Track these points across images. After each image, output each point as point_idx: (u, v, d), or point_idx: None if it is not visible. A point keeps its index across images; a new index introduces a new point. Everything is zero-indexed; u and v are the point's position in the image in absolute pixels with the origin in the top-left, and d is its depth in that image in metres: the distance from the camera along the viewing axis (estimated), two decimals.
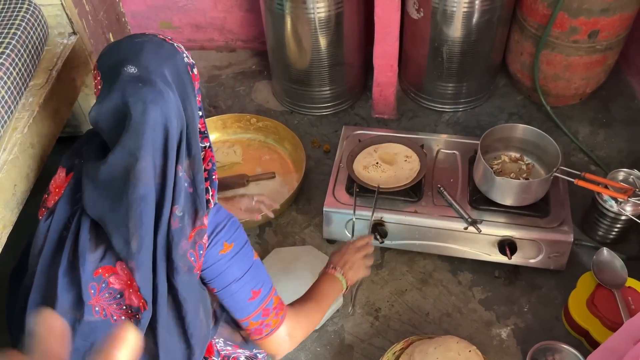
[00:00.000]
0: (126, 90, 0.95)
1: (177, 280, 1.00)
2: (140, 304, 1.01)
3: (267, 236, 1.78)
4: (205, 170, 1.06)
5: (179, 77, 1.01)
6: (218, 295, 1.08)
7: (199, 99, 1.07)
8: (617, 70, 2.08)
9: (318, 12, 1.84)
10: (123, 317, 1.03)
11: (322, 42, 1.93)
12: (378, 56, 1.94)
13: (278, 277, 1.62)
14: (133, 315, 1.02)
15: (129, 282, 1.00)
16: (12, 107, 1.33)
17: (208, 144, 1.09)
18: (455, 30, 1.86)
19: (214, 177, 1.07)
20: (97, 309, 1.02)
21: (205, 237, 1.02)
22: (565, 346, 1.40)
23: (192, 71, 1.05)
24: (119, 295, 1.02)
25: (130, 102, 0.94)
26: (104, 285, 1.01)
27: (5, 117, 1.29)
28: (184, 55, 1.05)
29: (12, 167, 1.27)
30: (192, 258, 1.00)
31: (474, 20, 1.82)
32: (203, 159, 1.08)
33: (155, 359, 1.06)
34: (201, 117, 1.08)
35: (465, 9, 1.80)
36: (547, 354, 1.41)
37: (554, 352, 1.41)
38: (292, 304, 1.22)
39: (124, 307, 1.03)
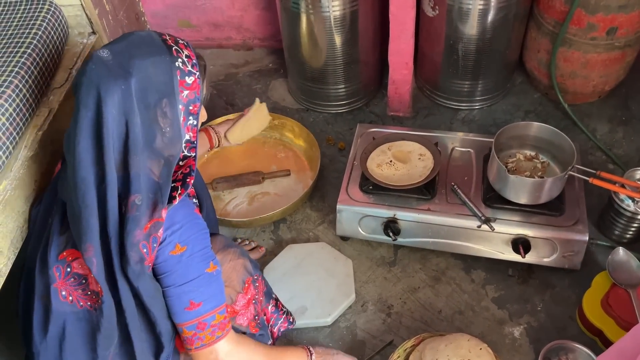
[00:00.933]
0: (84, 70, 0.99)
1: (129, 270, 1.01)
2: (99, 289, 1.03)
3: (281, 232, 1.80)
4: (181, 173, 1.08)
5: (155, 75, 1.01)
6: (163, 292, 1.08)
7: (194, 108, 1.07)
8: (637, 68, 2.04)
9: (333, 11, 1.85)
10: (89, 303, 1.06)
11: (338, 40, 1.93)
12: (393, 54, 1.94)
13: (291, 273, 1.64)
14: (96, 301, 1.05)
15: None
16: (34, 105, 1.37)
17: (193, 154, 1.10)
18: (471, 28, 1.85)
19: (187, 180, 1.08)
20: (63, 293, 1.05)
21: (161, 230, 1.02)
22: (578, 346, 1.39)
23: (183, 77, 1.05)
24: (83, 281, 1.05)
25: (82, 82, 0.98)
26: (68, 269, 1.04)
27: (27, 114, 1.33)
28: (179, 60, 1.05)
29: (32, 163, 1.31)
30: (145, 250, 1.01)
31: (490, 17, 1.81)
32: (183, 165, 1.09)
33: (132, 353, 1.09)
34: (194, 126, 1.08)
35: (481, 6, 1.79)
36: (560, 353, 1.40)
37: (567, 351, 1.40)
38: (242, 337, 1.20)
39: (89, 293, 1.05)
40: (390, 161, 1.66)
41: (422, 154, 1.67)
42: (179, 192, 1.06)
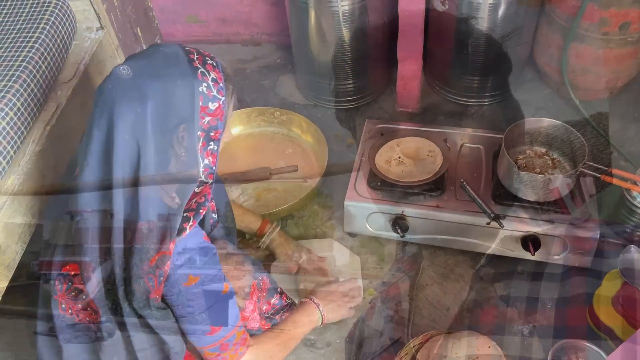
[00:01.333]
0: (102, 88, 0.96)
1: (134, 301, 0.99)
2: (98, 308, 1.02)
3: (288, 229, 1.79)
4: (195, 202, 1.05)
5: (174, 99, 0.97)
6: (178, 319, 1.07)
7: (216, 134, 1.03)
8: None
9: (342, 6, 1.84)
10: (88, 319, 1.05)
11: (346, 35, 1.92)
12: (402, 49, 1.93)
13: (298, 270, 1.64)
14: (96, 318, 1.04)
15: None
16: (42, 100, 1.37)
17: (210, 181, 1.07)
18: (481, 23, 1.83)
19: (201, 210, 1.04)
20: (63, 306, 1.04)
21: (168, 264, 0.99)
22: (588, 344, 1.37)
23: (206, 103, 1.00)
24: (84, 297, 1.03)
25: (98, 101, 0.96)
26: (69, 283, 1.03)
27: (35, 109, 1.34)
28: (203, 84, 1.00)
29: (40, 158, 1.31)
30: (151, 283, 0.98)
31: (500, 12, 1.79)
32: (199, 192, 1.05)
33: None
34: (215, 151, 1.04)
35: (491, 1, 1.77)
36: (570, 352, 1.39)
37: (576, 350, 1.39)
38: (257, 340, 1.22)
39: (88, 309, 1.04)
40: (399, 157, 1.65)
41: (431, 150, 1.66)
42: (190, 223, 1.02)
